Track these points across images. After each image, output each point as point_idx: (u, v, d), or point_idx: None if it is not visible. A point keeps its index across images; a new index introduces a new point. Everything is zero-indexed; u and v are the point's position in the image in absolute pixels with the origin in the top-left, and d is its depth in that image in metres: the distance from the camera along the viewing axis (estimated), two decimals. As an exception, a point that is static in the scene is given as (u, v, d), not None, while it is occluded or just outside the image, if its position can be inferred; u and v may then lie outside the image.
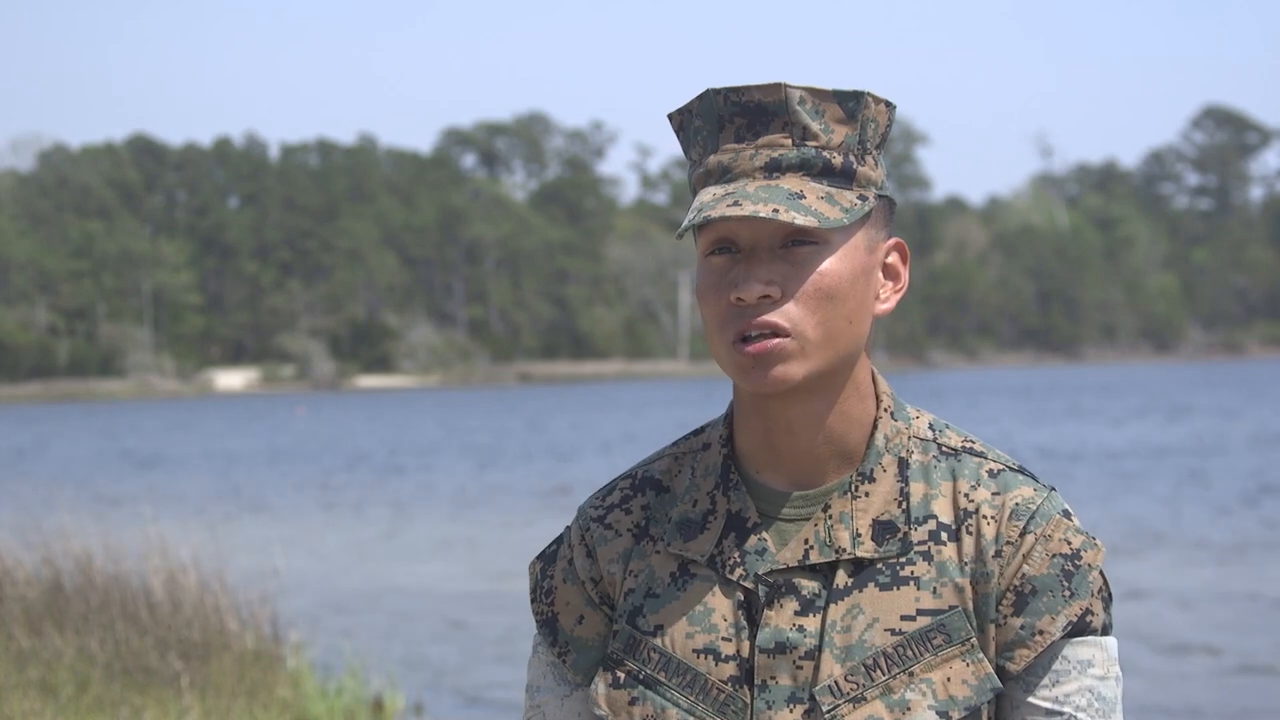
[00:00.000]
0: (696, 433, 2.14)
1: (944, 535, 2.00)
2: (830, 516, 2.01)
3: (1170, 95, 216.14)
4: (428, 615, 15.73)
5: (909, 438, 2.05)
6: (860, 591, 1.99)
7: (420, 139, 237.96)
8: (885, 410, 2.05)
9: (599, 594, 2.09)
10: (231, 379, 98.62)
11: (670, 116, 2.07)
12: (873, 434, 2.04)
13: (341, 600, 16.52)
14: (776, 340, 1.95)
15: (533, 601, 2.14)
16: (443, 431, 49.66)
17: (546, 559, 2.14)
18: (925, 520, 2.01)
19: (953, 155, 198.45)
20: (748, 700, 1.99)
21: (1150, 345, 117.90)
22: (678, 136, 2.07)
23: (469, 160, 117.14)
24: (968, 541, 2.00)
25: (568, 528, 2.15)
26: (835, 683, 1.97)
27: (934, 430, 2.06)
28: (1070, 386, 73.53)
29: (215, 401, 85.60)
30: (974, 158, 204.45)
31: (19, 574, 10.36)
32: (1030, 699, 1.99)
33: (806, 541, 2.01)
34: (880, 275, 2.03)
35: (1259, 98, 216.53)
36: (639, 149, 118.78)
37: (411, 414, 62.96)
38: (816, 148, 1.98)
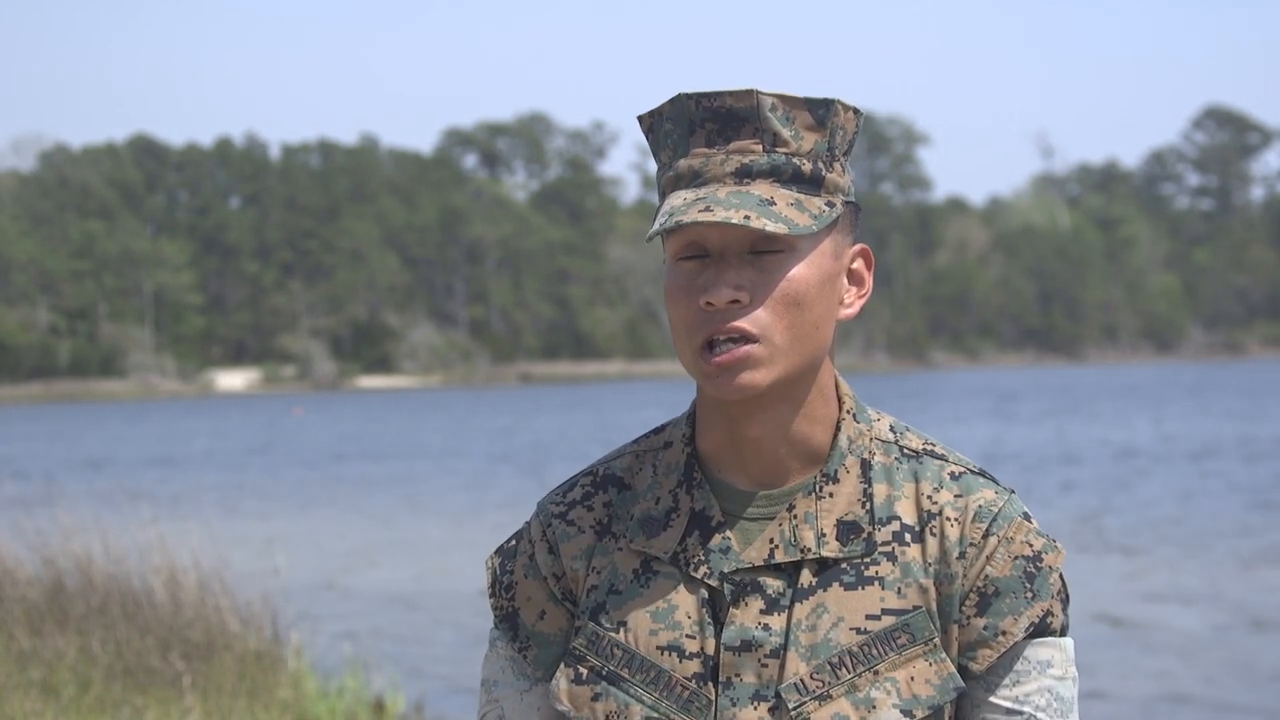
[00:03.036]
0: (657, 431, 2.16)
1: (908, 536, 2.03)
2: (795, 516, 2.03)
3: (1171, 95, 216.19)
4: (429, 615, 15.75)
5: (871, 439, 2.07)
6: (825, 591, 2.01)
7: (421, 139, 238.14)
8: (847, 412, 2.08)
9: (561, 590, 2.11)
10: (232, 379, 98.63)
11: (640, 119, 2.08)
12: (836, 435, 2.06)
13: (342, 600, 16.53)
14: (745, 348, 1.97)
15: (491, 596, 2.15)
16: (444, 432, 49.67)
17: (505, 554, 2.16)
18: (889, 521, 2.03)
19: (954, 155, 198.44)
20: (712, 698, 2.01)
21: (1151, 345, 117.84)
22: (647, 139, 2.08)
23: (470, 160, 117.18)
24: (931, 543, 2.02)
25: (527, 523, 2.16)
26: (801, 681, 1.99)
27: (895, 432, 2.09)
28: (1061, 387, 73.52)
29: (215, 402, 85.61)
30: (975, 158, 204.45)
31: (20, 574, 10.38)
32: (991, 698, 2.02)
33: (771, 541, 2.03)
34: (845, 281, 2.06)
35: (1260, 98, 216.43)
36: (640, 149, 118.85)
37: (412, 414, 62.96)
38: (787, 154, 2.00)
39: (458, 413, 63.32)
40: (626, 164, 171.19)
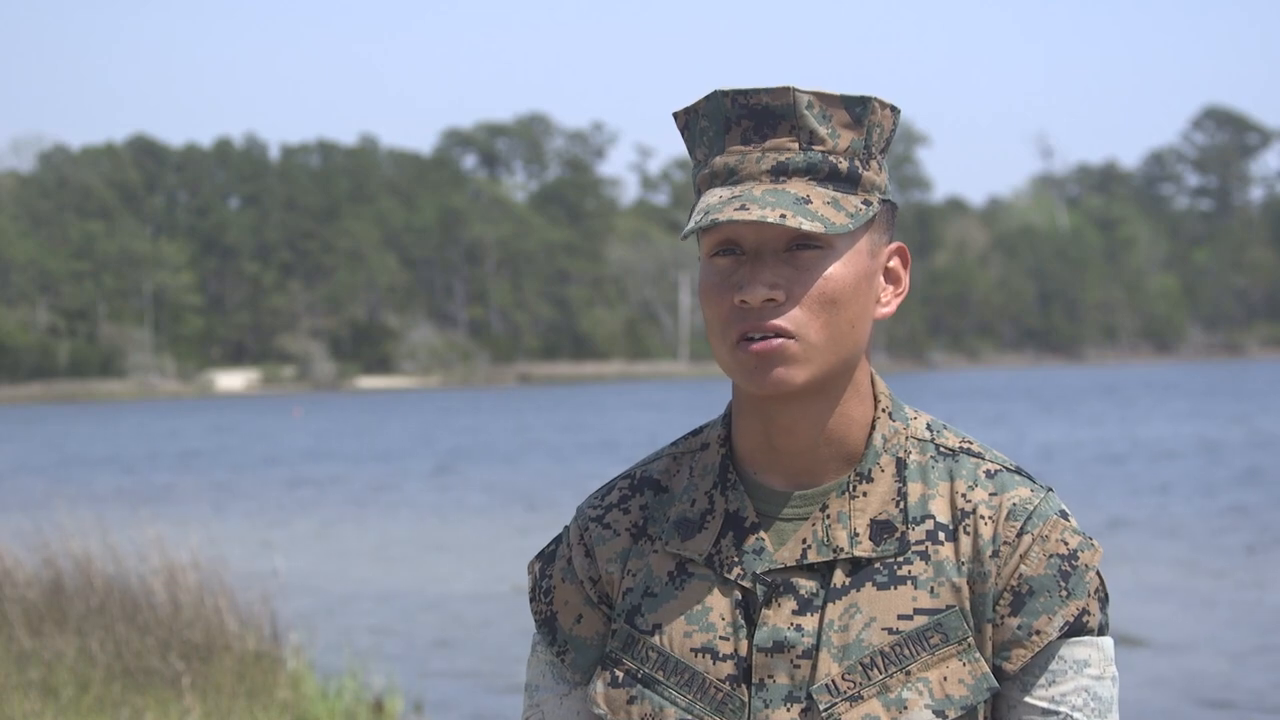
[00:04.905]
0: (695, 433, 2.14)
1: (941, 535, 2.01)
2: (828, 516, 2.02)
3: (1170, 95, 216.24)
4: (428, 616, 15.74)
5: (907, 438, 2.06)
6: (858, 591, 2.00)
7: (421, 140, 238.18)
8: (883, 411, 2.06)
9: (597, 593, 2.10)
10: (232, 380, 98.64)
11: (675, 115, 2.07)
12: (871, 435, 2.05)
13: (342, 601, 16.53)
14: (781, 340, 1.96)
15: (532, 601, 2.15)
16: (442, 432, 49.67)
17: (545, 558, 2.16)
18: (923, 520, 2.02)
19: (953, 156, 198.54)
20: (745, 699, 2.00)
21: (1151, 346, 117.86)
22: (682, 135, 2.07)
23: (469, 161, 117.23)
24: (965, 541, 2.01)
25: (566, 527, 2.16)
26: (832, 681, 1.98)
27: (932, 431, 2.08)
28: (1062, 387, 73.54)
29: (214, 402, 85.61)
30: (974, 158, 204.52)
31: (20, 575, 10.37)
32: (1027, 699, 2.00)
33: (804, 541, 2.02)
34: (882, 279, 2.05)
35: (1259, 98, 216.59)
36: (639, 150, 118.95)
37: (411, 415, 62.95)
38: (823, 152, 1.99)
39: (457, 413, 63.31)
40: (626, 165, 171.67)
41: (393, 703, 9.53)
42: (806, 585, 2.01)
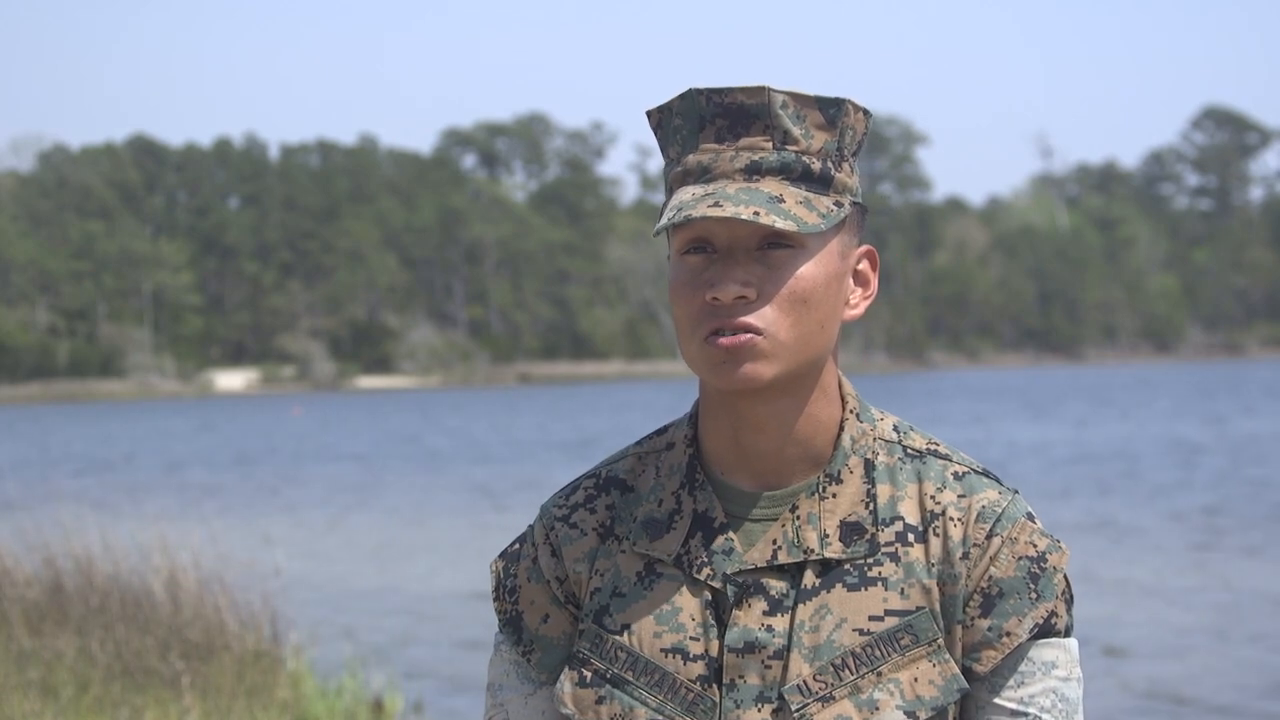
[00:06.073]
0: (659, 432, 2.14)
1: (911, 537, 2.02)
2: (798, 517, 2.02)
3: (1170, 95, 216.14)
4: (428, 615, 15.75)
5: (874, 439, 2.07)
6: (828, 592, 2.01)
7: (421, 139, 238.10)
8: (851, 412, 2.07)
9: (564, 593, 2.10)
10: (232, 380, 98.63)
11: (649, 113, 2.07)
12: (839, 436, 2.05)
13: (342, 600, 16.54)
14: (750, 335, 1.96)
15: (495, 600, 2.14)
16: (443, 432, 49.67)
17: (509, 558, 2.15)
18: (892, 521, 2.03)
19: (953, 156, 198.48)
20: (716, 699, 2.01)
21: (1151, 346, 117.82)
22: (655, 133, 2.07)
23: (469, 161, 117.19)
24: (935, 543, 2.02)
25: (530, 526, 2.15)
26: (804, 682, 1.98)
27: (898, 432, 2.08)
28: (1058, 388, 73.53)
29: (214, 402, 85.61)
30: (974, 158, 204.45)
31: (20, 574, 10.38)
32: (996, 700, 2.01)
33: (774, 542, 2.02)
34: (851, 281, 2.06)
35: (1259, 98, 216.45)
36: (639, 150, 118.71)
37: (410, 415, 62.95)
38: (796, 152, 1.99)
39: (457, 413, 63.31)
40: (625, 164, 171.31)
41: (393, 703, 9.53)
42: (777, 586, 2.01)
